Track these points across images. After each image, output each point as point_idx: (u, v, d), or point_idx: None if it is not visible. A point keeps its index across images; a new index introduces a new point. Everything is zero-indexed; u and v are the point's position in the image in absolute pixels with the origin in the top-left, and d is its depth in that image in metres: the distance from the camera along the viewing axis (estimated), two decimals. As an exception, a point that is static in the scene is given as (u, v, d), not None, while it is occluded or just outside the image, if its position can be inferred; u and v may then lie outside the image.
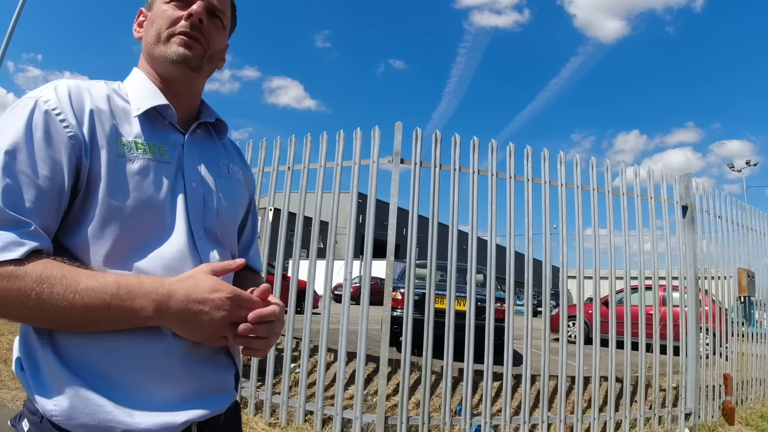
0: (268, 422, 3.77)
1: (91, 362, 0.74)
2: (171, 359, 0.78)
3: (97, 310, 0.71)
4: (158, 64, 0.89)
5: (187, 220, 0.84)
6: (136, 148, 0.81)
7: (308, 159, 4.05)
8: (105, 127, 0.79)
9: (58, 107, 0.75)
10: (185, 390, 0.81)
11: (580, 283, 4.09)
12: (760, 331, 6.25)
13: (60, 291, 0.68)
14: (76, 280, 0.70)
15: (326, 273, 3.82)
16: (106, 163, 0.77)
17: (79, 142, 0.75)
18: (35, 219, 0.70)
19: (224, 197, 0.94)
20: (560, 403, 3.85)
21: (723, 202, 5.34)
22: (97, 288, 0.70)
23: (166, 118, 0.88)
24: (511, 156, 3.99)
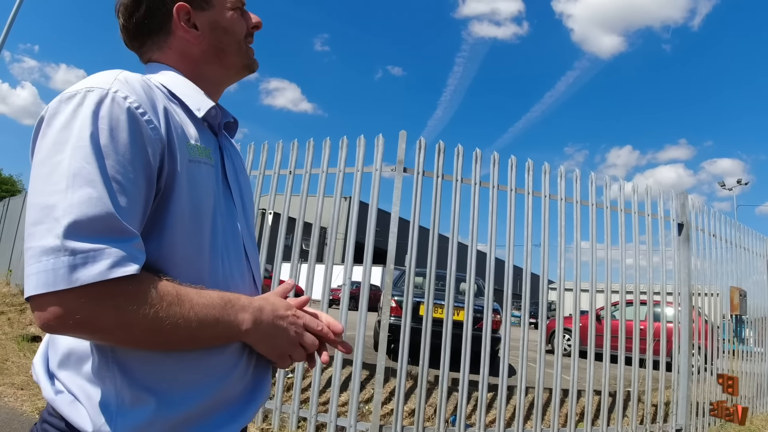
0: (260, 427, 3.74)
1: (151, 380, 0.70)
2: (237, 377, 0.79)
3: (207, 327, 0.70)
4: (225, 71, 0.91)
5: (238, 225, 0.85)
6: (198, 152, 0.77)
7: (310, 164, 4.05)
8: (178, 129, 0.74)
9: (140, 105, 0.69)
10: (239, 398, 0.81)
11: (576, 296, 4.11)
12: (749, 349, 6.32)
13: (177, 310, 0.66)
14: (189, 297, 0.68)
15: (324, 278, 3.82)
16: (182, 167, 0.72)
17: (163, 144, 0.70)
18: (136, 230, 0.66)
19: (248, 195, 0.96)
20: (553, 415, 3.87)
21: (717, 221, 5.41)
22: (208, 305, 0.70)
23: (206, 119, 0.85)
24: (512, 169, 4.02)
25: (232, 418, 0.79)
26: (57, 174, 0.62)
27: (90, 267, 0.59)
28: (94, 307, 0.61)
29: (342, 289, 3.78)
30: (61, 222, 0.59)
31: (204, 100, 0.84)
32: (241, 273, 0.84)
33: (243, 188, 0.93)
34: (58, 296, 0.59)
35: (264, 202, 4.43)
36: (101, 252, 0.60)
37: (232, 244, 0.82)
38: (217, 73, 0.90)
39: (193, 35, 0.86)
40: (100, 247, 0.60)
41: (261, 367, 0.86)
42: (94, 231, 0.61)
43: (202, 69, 0.88)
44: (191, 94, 0.83)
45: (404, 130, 3.77)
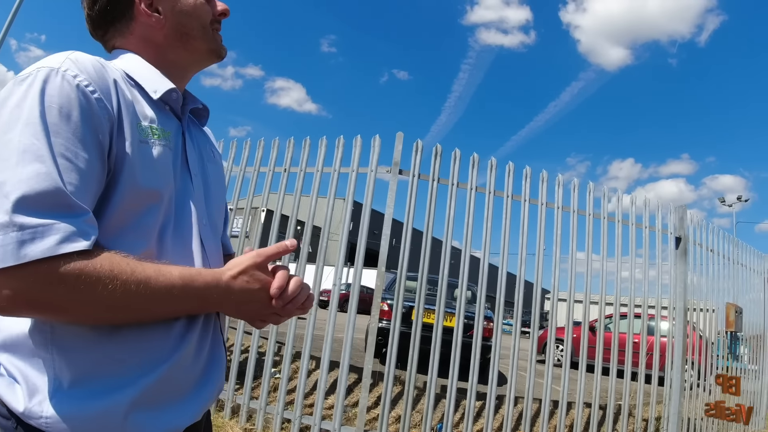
0: (244, 427, 3.68)
1: (92, 361, 0.69)
2: (182, 356, 0.76)
3: (165, 306, 0.70)
4: (189, 55, 0.89)
5: (195, 209, 0.84)
6: (152, 133, 0.77)
7: (305, 162, 4.00)
8: (129, 110, 0.74)
9: (90, 84, 0.69)
10: (189, 385, 0.79)
11: (569, 307, 4.06)
12: (743, 367, 6.26)
13: (132, 288, 0.65)
14: (145, 275, 0.67)
15: (315, 278, 3.76)
16: (131, 147, 0.72)
17: (112, 123, 0.70)
18: (87, 206, 0.65)
19: (216, 183, 0.94)
20: (542, 426, 3.80)
21: (716, 236, 5.36)
22: (166, 283, 0.68)
23: (168, 103, 0.85)
24: (509, 175, 3.97)
25: (182, 406, 0.76)
26: (7, 151, 0.62)
27: (39, 242, 0.59)
28: (45, 284, 0.60)
29: (332, 290, 3.72)
30: (10, 197, 0.59)
31: (162, 83, 0.83)
32: (190, 256, 0.81)
33: (209, 175, 0.92)
34: (7, 274, 0.58)
35: (257, 201, 4.39)
36: (50, 227, 0.60)
37: (184, 228, 0.81)
38: (183, 58, 0.89)
39: (156, 20, 0.86)
40: (48, 222, 0.60)
41: (214, 355, 0.84)
42: (42, 206, 0.60)
43: (167, 54, 0.88)
44: (149, 77, 0.82)
45: (401, 132, 3.73)
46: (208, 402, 0.82)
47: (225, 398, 3.81)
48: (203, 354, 0.81)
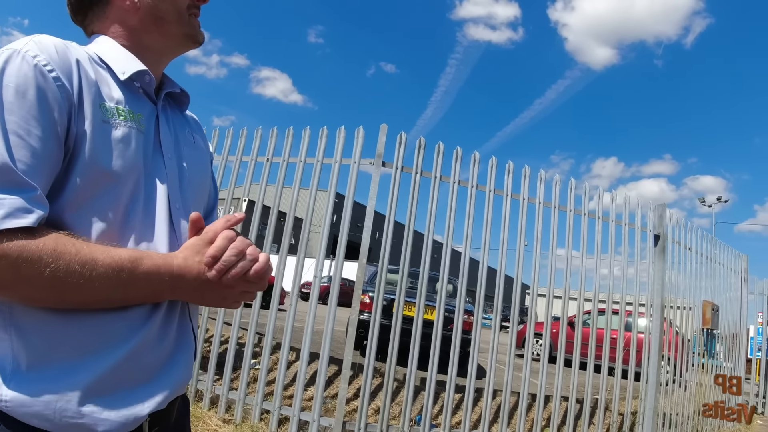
0: (223, 418, 3.66)
1: (50, 344, 0.68)
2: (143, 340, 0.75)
3: (113, 289, 0.68)
4: (165, 40, 0.88)
5: (166, 191, 0.82)
6: (118, 114, 0.77)
7: (288, 152, 3.98)
8: (91, 90, 0.74)
9: (48, 63, 0.68)
10: (151, 372, 0.77)
11: (549, 302, 4.10)
12: (719, 364, 6.39)
13: (77, 268, 0.64)
14: (92, 257, 0.66)
15: (296, 270, 3.75)
16: (92, 127, 0.72)
17: (71, 103, 0.70)
18: (37, 184, 0.65)
19: (194, 167, 0.93)
20: (520, 419, 3.84)
21: (694, 235, 5.45)
22: (113, 264, 0.67)
23: (141, 86, 0.85)
24: (492, 170, 3.99)
25: (143, 393, 0.75)
26: None
27: None
28: None
29: (313, 282, 3.72)
30: None
31: (131, 64, 0.82)
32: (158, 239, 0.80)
33: (185, 159, 0.91)
34: None
35: (238, 192, 4.35)
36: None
37: (152, 210, 0.80)
38: (158, 43, 0.88)
39: (131, 3, 0.85)
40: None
41: (180, 341, 0.83)
42: None
43: (143, 38, 0.87)
44: (119, 58, 0.82)
45: (385, 124, 3.73)
46: (173, 390, 0.81)
47: (204, 389, 3.79)
48: (168, 340, 0.80)
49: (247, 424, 3.58)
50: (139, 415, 0.73)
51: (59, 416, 0.67)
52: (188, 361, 0.85)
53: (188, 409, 1.00)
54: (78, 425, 0.68)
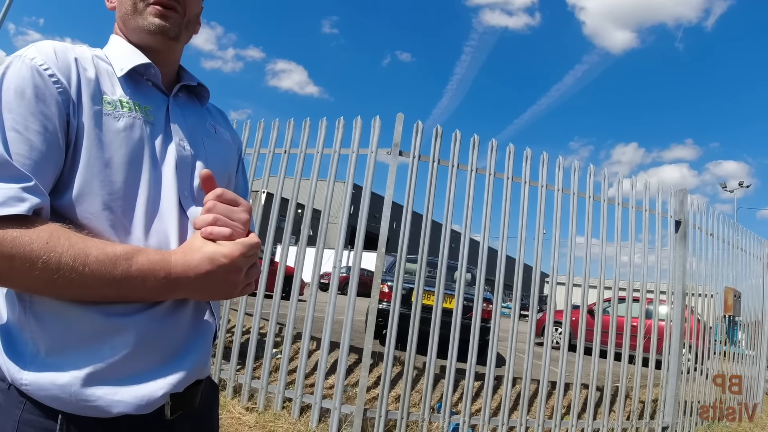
0: (246, 406, 3.73)
1: (66, 330, 0.71)
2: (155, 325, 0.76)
3: (107, 286, 0.68)
4: (135, 35, 0.87)
5: (175, 179, 0.82)
6: (121, 106, 0.79)
7: (305, 144, 3.99)
8: (90, 85, 0.77)
9: (45, 63, 0.72)
10: (166, 355, 0.78)
11: (568, 290, 4.08)
12: (740, 352, 6.30)
13: (68, 262, 0.65)
14: (85, 251, 0.66)
15: (315, 261, 3.78)
16: (92, 119, 0.74)
17: (69, 98, 0.73)
18: (34, 176, 0.67)
19: (212, 157, 0.93)
20: (540, 407, 3.85)
21: (716, 220, 5.36)
22: (106, 261, 0.68)
23: (149, 79, 0.86)
24: (510, 157, 3.96)
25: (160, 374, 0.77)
26: None
27: None
28: None
29: (332, 273, 3.75)
30: None
31: (131, 59, 0.84)
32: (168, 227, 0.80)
33: (204, 148, 0.91)
34: None
35: (257, 185, 4.38)
36: None
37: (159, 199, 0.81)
38: (133, 37, 0.88)
39: (112, 4, 0.90)
40: None
41: (195, 327, 0.84)
42: None
43: (128, 35, 0.89)
44: (119, 55, 0.85)
45: (401, 113, 3.72)
46: (189, 373, 0.81)
47: (227, 378, 3.85)
48: (182, 324, 0.80)
49: (269, 412, 3.65)
50: (153, 396, 0.75)
51: (75, 399, 0.69)
52: (205, 346, 0.85)
53: (217, 396, 1.01)
54: (93, 407, 0.71)
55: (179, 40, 0.89)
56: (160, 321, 0.77)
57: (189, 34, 0.93)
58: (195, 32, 0.96)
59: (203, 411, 0.91)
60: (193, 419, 0.86)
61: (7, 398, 0.70)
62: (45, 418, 0.70)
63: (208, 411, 0.94)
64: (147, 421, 0.76)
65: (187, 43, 0.95)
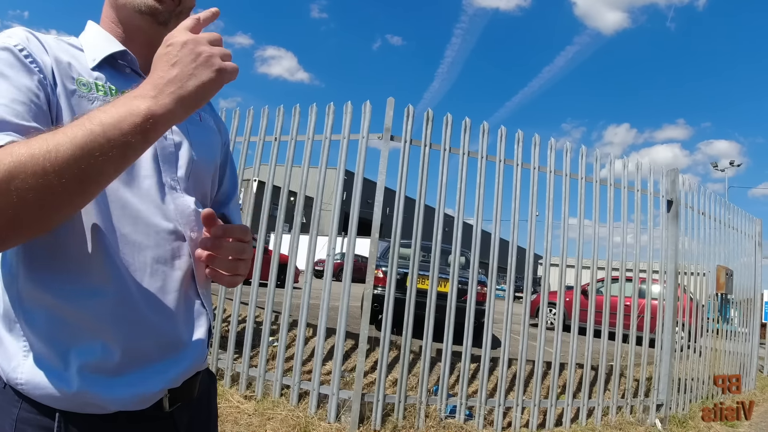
0: (244, 395, 3.74)
1: (58, 329, 0.70)
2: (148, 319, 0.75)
3: (99, 145, 0.57)
4: (124, 12, 0.84)
5: (156, 167, 0.80)
6: (96, 89, 0.76)
7: (296, 130, 3.97)
8: (62, 67, 0.74)
9: (19, 44, 0.70)
10: (162, 350, 0.77)
11: (562, 271, 4.10)
12: (732, 329, 6.39)
13: (52, 151, 0.55)
14: (63, 135, 0.57)
15: (309, 248, 3.78)
16: (67, 100, 0.72)
17: (46, 78, 0.71)
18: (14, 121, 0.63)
19: (197, 144, 0.90)
20: (535, 387, 3.89)
21: (708, 200, 5.39)
22: (78, 125, 0.58)
23: (127, 64, 0.84)
24: (501, 140, 3.96)
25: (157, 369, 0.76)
26: None
27: None
28: None
29: (326, 260, 3.74)
30: None
31: (105, 48, 0.81)
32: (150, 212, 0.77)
33: (188, 136, 0.88)
34: None
35: (248, 173, 4.36)
36: None
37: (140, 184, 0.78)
38: (121, 14, 0.85)
39: None
40: None
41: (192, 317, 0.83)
42: None
43: (114, 11, 0.86)
44: (93, 44, 0.82)
45: (392, 98, 3.70)
46: (186, 368, 0.80)
47: (224, 367, 3.86)
48: (177, 319, 0.79)
49: (268, 400, 3.66)
50: (150, 391, 0.75)
51: (71, 396, 0.69)
52: (200, 340, 0.83)
53: (215, 386, 1.00)
54: (90, 404, 0.70)
55: (167, 27, 0.85)
56: (153, 315, 0.76)
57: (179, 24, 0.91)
58: None
59: (201, 400, 0.90)
60: (191, 409, 0.86)
61: (4, 397, 0.70)
62: (43, 416, 0.69)
63: (207, 400, 0.94)
64: (146, 414, 0.76)
65: None
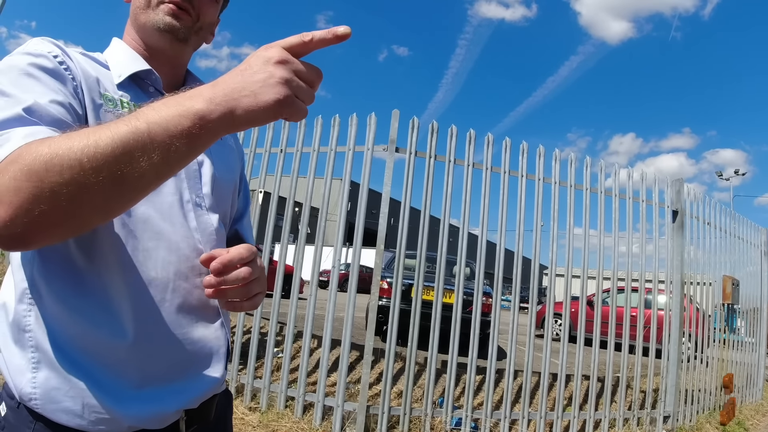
0: (249, 406, 3.73)
1: (76, 338, 0.69)
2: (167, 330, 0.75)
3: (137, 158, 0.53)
4: (144, 31, 0.85)
5: (179, 186, 0.80)
6: (122, 105, 0.77)
7: (301, 142, 3.99)
8: (90, 81, 0.75)
9: (53, 51, 0.71)
10: (180, 370, 0.77)
11: (567, 282, 4.09)
12: (740, 339, 6.34)
13: (106, 141, 0.52)
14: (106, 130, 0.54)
15: (314, 259, 3.78)
16: (93, 113, 0.72)
17: (78, 85, 0.72)
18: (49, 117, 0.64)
19: (218, 163, 0.90)
20: (542, 399, 3.86)
21: (713, 209, 5.37)
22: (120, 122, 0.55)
23: (151, 84, 0.84)
24: (506, 150, 3.97)
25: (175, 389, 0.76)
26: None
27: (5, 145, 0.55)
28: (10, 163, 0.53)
29: (332, 271, 3.75)
30: None
31: (129, 66, 0.82)
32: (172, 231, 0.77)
33: (213, 155, 0.89)
34: None
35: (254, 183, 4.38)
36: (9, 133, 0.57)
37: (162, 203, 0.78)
38: (141, 34, 0.86)
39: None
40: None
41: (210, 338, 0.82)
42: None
43: (136, 31, 0.87)
44: (118, 61, 0.83)
45: (397, 109, 3.71)
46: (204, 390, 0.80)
47: (229, 378, 3.86)
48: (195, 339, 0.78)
49: (272, 412, 3.65)
50: (166, 411, 0.74)
51: (88, 411, 0.68)
52: (219, 361, 0.83)
53: (231, 406, 0.99)
54: (105, 420, 0.70)
55: (188, 43, 0.87)
56: (172, 333, 0.75)
57: (199, 41, 0.91)
58: (207, 42, 0.93)
59: (218, 420, 0.90)
60: (207, 429, 0.86)
61: (17, 416, 0.69)
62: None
63: (223, 421, 0.93)
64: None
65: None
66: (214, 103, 0.54)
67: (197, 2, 0.85)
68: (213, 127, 0.55)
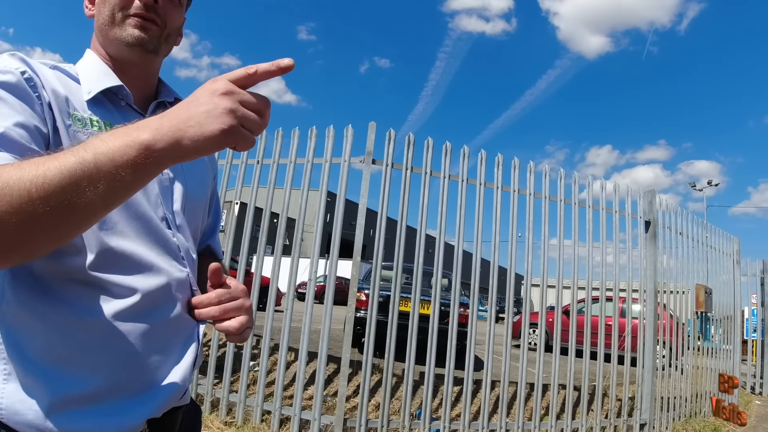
0: (224, 421, 3.68)
1: (44, 350, 0.69)
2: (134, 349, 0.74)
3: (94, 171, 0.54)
4: (113, 46, 0.84)
5: (152, 203, 0.80)
6: (91, 124, 0.76)
7: (278, 154, 3.99)
8: (60, 100, 0.74)
9: (21, 68, 0.70)
10: (146, 380, 0.76)
11: (543, 292, 4.14)
12: (714, 346, 6.45)
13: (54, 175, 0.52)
14: (55, 160, 0.54)
15: (291, 271, 3.77)
16: (63, 134, 0.72)
17: (46, 107, 0.71)
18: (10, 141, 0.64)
19: (191, 179, 0.90)
20: (519, 409, 3.88)
21: (685, 220, 5.50)
22: (69, 152, 0.55)
23: (123, 98, 0.84)
24: (482, 163, 4.02)
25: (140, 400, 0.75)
26: None
27: None
28: None
29: (308, 282, 3.73)
30: None
31: (99, 81, 0.81)
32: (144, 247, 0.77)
33: (182, 170, 0.89)
34: None
35: (230, 195, 4.36)
36: None
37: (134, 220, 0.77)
38: (110, 49, 0.85)
39: (91, 11, 0.87)
40: None
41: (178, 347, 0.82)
42: None
43: (103, 47, 0.86)
44: (89, 76, 0.82)
45: (373, 122, 3.75)
46: (167, 398, 0.79)
47: (204, 393, 3.80)
48: (164, 349, 0.78)
49: (248, 426, 3.60)
50: (133, 423, 0.74)
51: (51, 425, 0.68)
52: (184, 369, 0.82)
53: (200, 420, 0.99)
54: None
55: (158, 54, 0.87)
56: (137, 345, 0.75)
57: (169, 47, 0.90)
58: (176, 44, 0.93)
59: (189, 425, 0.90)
60: None
61: None
62: None
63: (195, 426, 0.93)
64: None
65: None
66: (160, 134, 0.56)
67: (162, 10, 0.84)
68: (159, 156, 0.56)
